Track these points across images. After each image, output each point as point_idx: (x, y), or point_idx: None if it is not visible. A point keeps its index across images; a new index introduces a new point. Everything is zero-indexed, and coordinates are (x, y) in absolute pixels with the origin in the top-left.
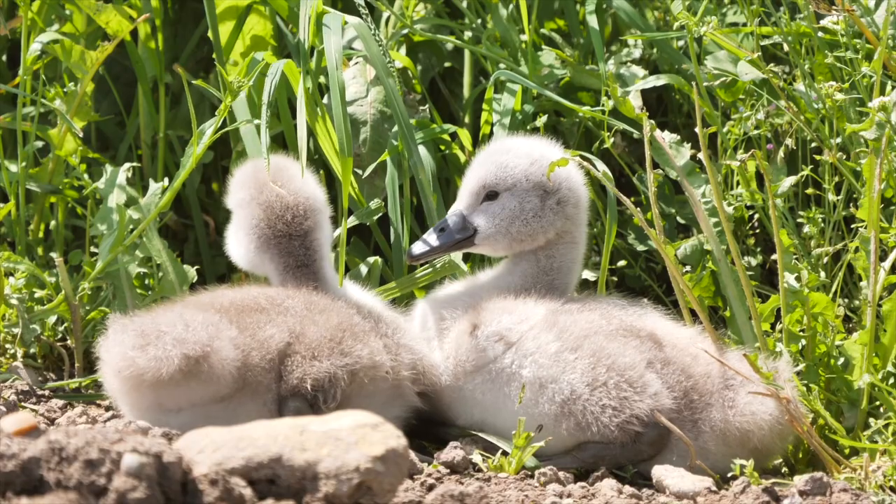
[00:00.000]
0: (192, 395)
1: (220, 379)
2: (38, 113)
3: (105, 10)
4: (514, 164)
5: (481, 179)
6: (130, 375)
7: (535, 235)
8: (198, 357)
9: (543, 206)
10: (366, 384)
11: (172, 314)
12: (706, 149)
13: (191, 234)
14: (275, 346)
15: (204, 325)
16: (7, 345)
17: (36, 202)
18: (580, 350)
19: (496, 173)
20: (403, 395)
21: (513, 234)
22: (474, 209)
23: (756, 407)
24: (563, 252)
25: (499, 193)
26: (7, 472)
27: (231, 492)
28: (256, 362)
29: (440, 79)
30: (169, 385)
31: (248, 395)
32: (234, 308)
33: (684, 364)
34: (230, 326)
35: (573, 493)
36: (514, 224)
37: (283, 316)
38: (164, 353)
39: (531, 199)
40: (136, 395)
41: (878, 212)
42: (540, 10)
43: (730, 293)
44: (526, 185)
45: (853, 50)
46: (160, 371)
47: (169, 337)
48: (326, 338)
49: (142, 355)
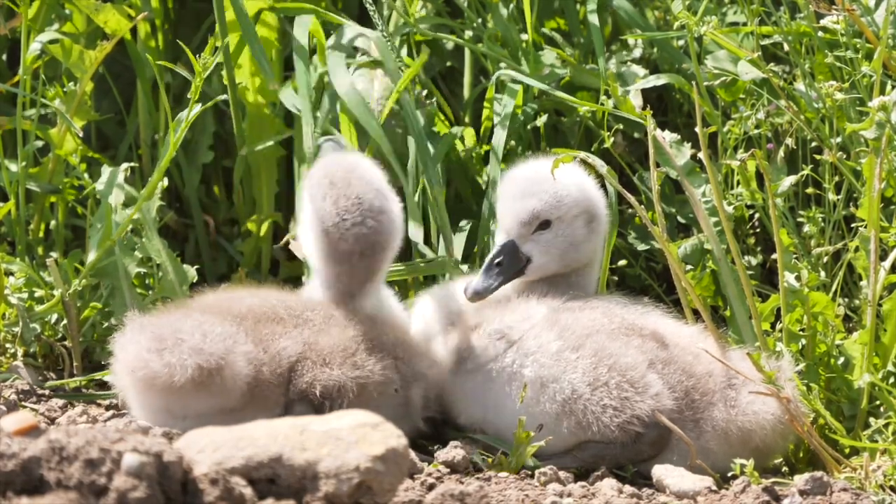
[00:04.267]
0: (200, 404)
1: (231, 392)
2: (38, 113)
3: (104, 10)
4: (566, 194)
5: (533, 210)
6: (143, 377)
7: (581, 261)
8: (211, 369)
9: (589, 231)
10: (374, 398)
11: (192, 322)
12: (706, 148)
13: (191, 234)
14: (286, 361)
15: (222, 337)
16: (7, 344)
17: (36, 202)
18: (582, 349)
19: (550, 203)
20: (410, 417)
21: (565, 262)
22: (526, 239)
23: (758, 406)
24: (588, 272)
25: (551, 223)
26: (7, 471)
27: (231, 491)
28: (266, 377)
29: (440, 78)
30: (179, 392)
31: (255, 408)
32: (252, 317)
33: (686, 363)
34: (246, 340)
35: (573, 493)
36: (568, 253)
37: (299, 329)
38: (178, 361)
39: (579, 225)
40: (145, 396)
41: (878, 211)
42: (540, 9)
43: (730, 292)
44: (575, 212)
45: (853, 49)
46: (173, 378)
47: (186, 346)
48: (340, 347)
49: (157, 359)
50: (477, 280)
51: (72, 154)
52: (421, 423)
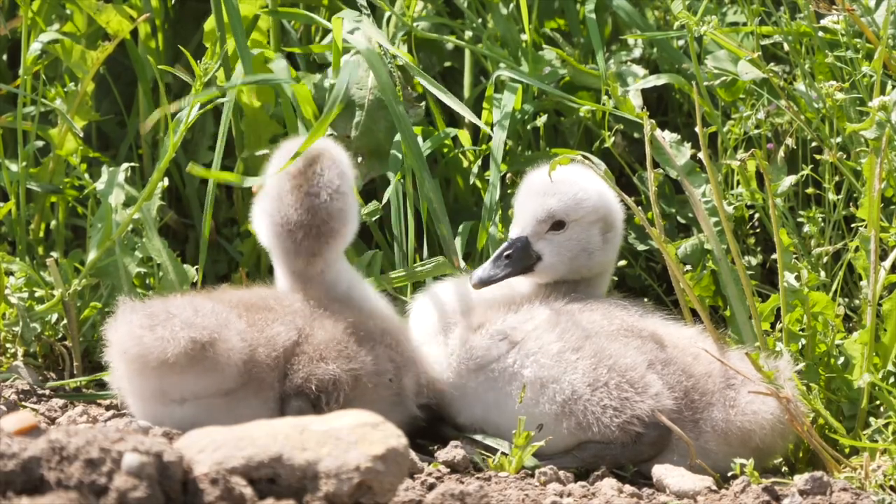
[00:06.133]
0: (196, 384)
1: (225, 369)
2: (38, 112)
3: (105, 10)
4: (586, 198)
5: (550, 209)
6: (137, 355)
7: (592, 269)
8: (204, 342)
9: (604, 241)
10: (369, 389)
11: (182, 300)
12: (706, 148)
13: (191, 234)
14: (281, 344)
15: (213, 312)
16: (7, 344)
17: (36, 202)
18: (582, 350)
19: (568, 204)
20: (404, 404)
21: (574, 267)
22: (540, 237)
23: (758, 406)
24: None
25: (566, 224)
26: (7, 471)
27: (231, 491)
28: (262, 358)
29: (440, 78)
30: (174, 370)
31: (251, 391)
32: (243, 304)
33: (685, 364)
34: (239, 320)
35: (573, 493)
36: (579, 258)
37: (291, 316)
38: (171, 335)
39: (594, 232)
40: (140, 380)
41: (878, 211)
42: (540, 9)
43: (730, 292)
44: (593, 219)
45: (853, 49)
46: (166, 352)
47: (178, 319)
48: (334, 341)
49: (149, 334)
50: (483, 268)
51: (72, 154)
52: (416, 409)
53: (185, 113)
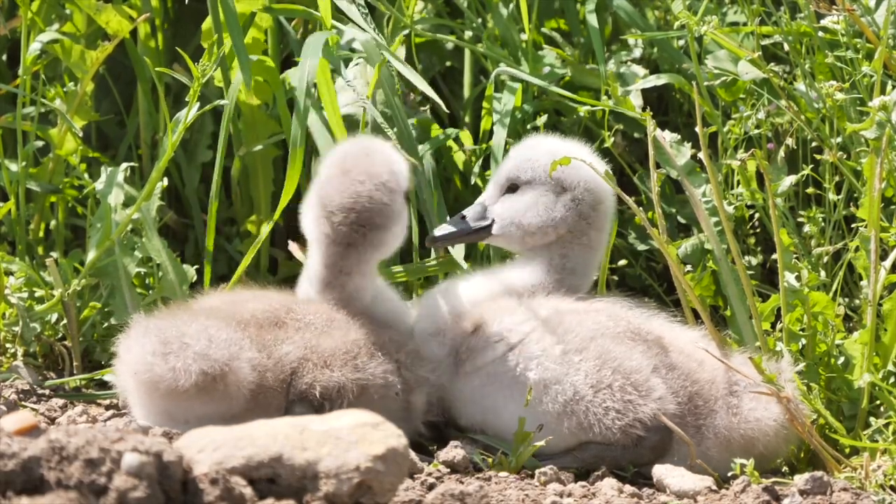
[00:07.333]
0: (202, 410)
1: (234, 399)
2: (38, 112)
3: (105, 10)
4: (536, 159)
5: (505, 171)
6: (147, 380)
7: (545, 229)
8: (216, 376)
9: (556, 202)
10: (375, 401)
11: (198, 326)
12: (706, 148)
13: (191, 234)
14: (289, 366)
15: (227, 343)
16: (7, 344)
17: (36, 202)
18: (585, 352)
19: (518, 166)
20: (411, 420)
21: (525, 226)
22: (496, 200)
23: (760, 413)
24: (577, 253)
25: (519, 186)
26: (7, 471)
27: (231, 491)
28: (270, 384)
29: (440, 78)
30: (182, 397)
31: (257, 415)
32: (255, 323)
33: (690, 369)
34: (251, 347)
35: (573, 493)
36: (527, 216)
37: (301, 332)
38: (183, 366)
39: (547, 193)
40: (147, 399)
41: (878, 211)
42: (540, 9)
43: (730, 292)
44: (544, 179)
45: (854, 49)
46: (177, 382)
47: (191, 350)
48: (342, 350)
49: (161, 363)
50: (440, 227)
51: (72, 154)
52: (421, 427)
53: (184, 113)
